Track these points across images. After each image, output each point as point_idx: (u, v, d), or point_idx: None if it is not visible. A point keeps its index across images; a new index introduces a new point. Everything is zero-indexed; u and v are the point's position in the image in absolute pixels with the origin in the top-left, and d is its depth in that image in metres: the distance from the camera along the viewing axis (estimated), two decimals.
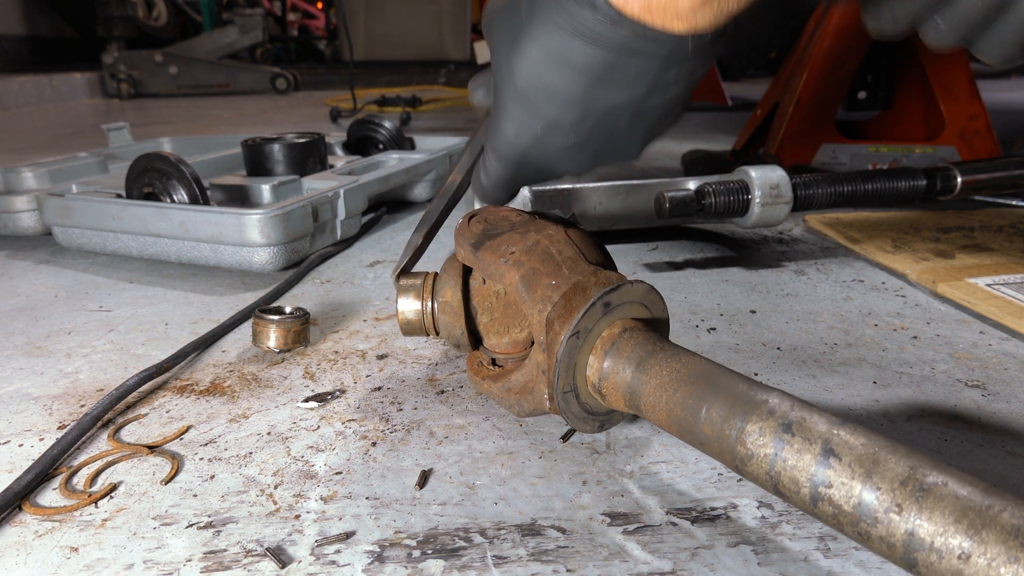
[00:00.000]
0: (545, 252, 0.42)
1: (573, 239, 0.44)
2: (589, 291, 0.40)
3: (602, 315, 0.40)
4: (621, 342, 0.39)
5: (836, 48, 1.23)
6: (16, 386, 0.56)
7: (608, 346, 0.40)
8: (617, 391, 0.39)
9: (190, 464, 0.45)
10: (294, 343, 0.59)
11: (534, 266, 0.41)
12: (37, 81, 3.41)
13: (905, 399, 0.51)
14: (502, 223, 0.47)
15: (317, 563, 0.36)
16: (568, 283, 0.40)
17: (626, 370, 0.39)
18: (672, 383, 0.36)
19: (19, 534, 0.39)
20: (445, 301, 0.48)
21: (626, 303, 0.41)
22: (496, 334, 0.48)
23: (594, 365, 0.40)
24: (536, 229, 0.44)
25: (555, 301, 0.40)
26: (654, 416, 0.38)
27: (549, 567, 0.36)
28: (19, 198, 0.93)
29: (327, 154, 1.11)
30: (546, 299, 0.40)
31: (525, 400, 0.43)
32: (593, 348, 0.40)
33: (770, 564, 0.36)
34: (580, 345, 0.39)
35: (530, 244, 0.43)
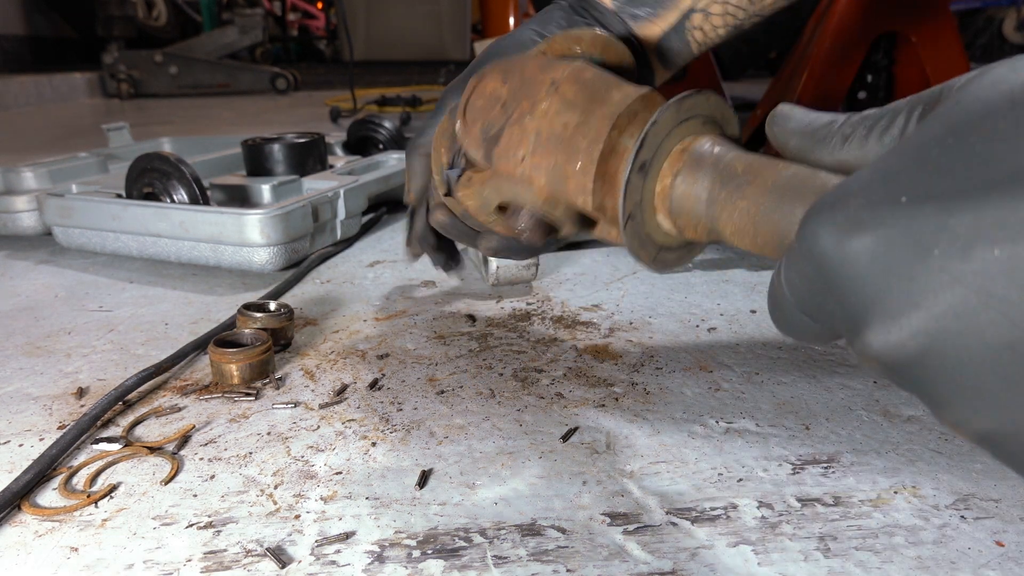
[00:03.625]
0: (551, 137, 0.36)
1: (571, 97, 0.37)
2: (618, 148, 0.35)
3: (644, 181, 0.34)
4: (677, 195, 0.34)
5: (836, 48, 1.23)
6: (16, 386, 0.56)
7: (668, 203, 0.34)
8: (701, 234, 0.34)
9: (190, 464, 0.45)
10: (258, 376, 0.55)
11: (551, 162, 0.36)
12: (37, 81, 3.41)
13: (905, 399, 0.51)
14: (493, 108, 0.40)
15: (317, 563, 0.36)
16: (592, 157, 0.35)
17: (700, 216, 0.33)
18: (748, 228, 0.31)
19: (19, 534, 0.39)
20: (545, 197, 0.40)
21: (663, 144, 0.34)
22: None
23: (666, 223, 0.35)
24: (530, 107, 0.38)
25: (591, 188, 0.35)
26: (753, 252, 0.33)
27: (549, 567, 0.36)
28: (19, 198, 0.93)
29: (327, 154, 1.11)
30: (582, 189, 0.35)
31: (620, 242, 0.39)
32: (655, 211, 0.35)
33: (770, 564, 0.36)
34: (641, 220, 0.35)
35: (533, 138, 0.37)
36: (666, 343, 0.61)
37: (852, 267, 0.21)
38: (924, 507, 0.40)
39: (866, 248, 0.21)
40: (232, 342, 0.56)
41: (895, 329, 0.20)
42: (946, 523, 0.38)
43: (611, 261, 0.84)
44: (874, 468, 0.43)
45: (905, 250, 0.20)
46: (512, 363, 0.58)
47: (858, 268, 0.21)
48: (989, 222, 0.18)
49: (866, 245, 0.21)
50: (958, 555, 0.36)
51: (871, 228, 0.21)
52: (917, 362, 0.20)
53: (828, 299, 0.23)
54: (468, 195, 0.44)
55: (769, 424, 0.48)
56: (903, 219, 0.20)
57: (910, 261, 0.20)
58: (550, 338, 0.63)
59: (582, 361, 0.58)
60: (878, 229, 0.21)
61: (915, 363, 0.20)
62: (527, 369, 0.57)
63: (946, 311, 0.19)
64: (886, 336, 0.21)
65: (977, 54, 4.07)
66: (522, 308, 0.70)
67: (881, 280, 0.21)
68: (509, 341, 0.62)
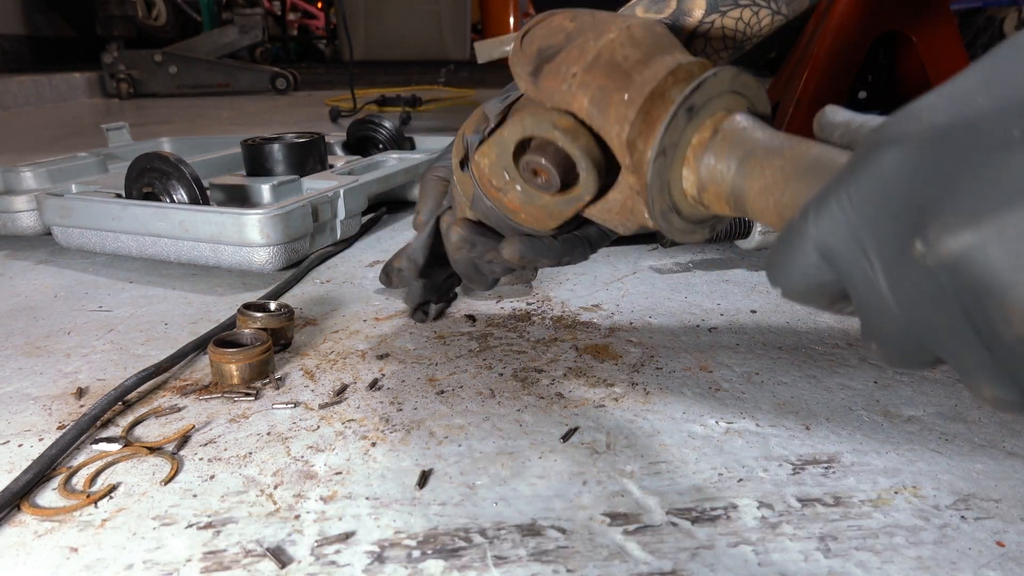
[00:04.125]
0: (610, 63, 0.37)
1: (638, 37, 0.37)
2: (668, 96, 0.35)
3: (687, 123, 0.34)
4: (715, 147, 0.34)
5: (836, 48, 1.23)
6: (16, 386, 0.56)
7: (701, 154, 0.35)
8: (720, 199, 0.35)
9: (190, 464, 0.45)
10: (258, 376, 0.55)
11: (601, 83, 0.36)
12: (37, 81, 3.41)
13: (905, 399, 0.51)
14: (556, 35, 0.40)
15: (317, 563, 0.36)
16: (643, 93, 0.35)
17: (725, 176, 0.34)
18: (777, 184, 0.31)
19: (18, 534, 0.39)
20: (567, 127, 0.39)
21: (713, 99, 0.35)
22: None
23: (690, 178, 0.35)
24: (595, 35, 0.38)
25: (631, 119, 0.35)
26: (765, 219, 0.33)
27: (549, 567, 0.36)
28: (19, 198, 0.93)
29: (327, 154, 1.11)
30: (622, 118, 0.35)
31: (629, 220, 0.40)
32: (685, 159, 0.35)
33: (770, 564, 0.36)
34: (669, 162, 0.35)
35: (591, 58, 0.37)
36: (666, 343, 0.61)
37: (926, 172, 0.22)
38: (924, 507, 0.40)
39: (941, 150, 0.22)
40: (232, 342, 0.56)
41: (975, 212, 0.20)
42: (946, 523, 0.38)
43: (611, 261, 0.84)
44: (874, 468, 0.43)
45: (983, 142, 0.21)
46: (512, 363, 0.58)
47: (934, 171, 0.22)
48: None
49: (942, 147, 0.22)
50: (958, 555, 0.36)
51: (947, 132, 0.22)
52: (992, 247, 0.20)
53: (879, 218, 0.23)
54: (485, 151, 0.43)
55: (769, 424, 0.48)
56: (981, 117, 0.21)
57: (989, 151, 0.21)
58: (550, 338, 0.63)
59: (582, 361, 0.58)
60: (953, 131, 0.21)
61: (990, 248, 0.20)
62: (527, 369, 0.57)
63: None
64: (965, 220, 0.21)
65: (977, 54, 4.06)
66: (522, 308, 0.70)
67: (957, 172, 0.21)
68: (509, 341, 0.62)
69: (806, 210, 0.26)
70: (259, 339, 0.56)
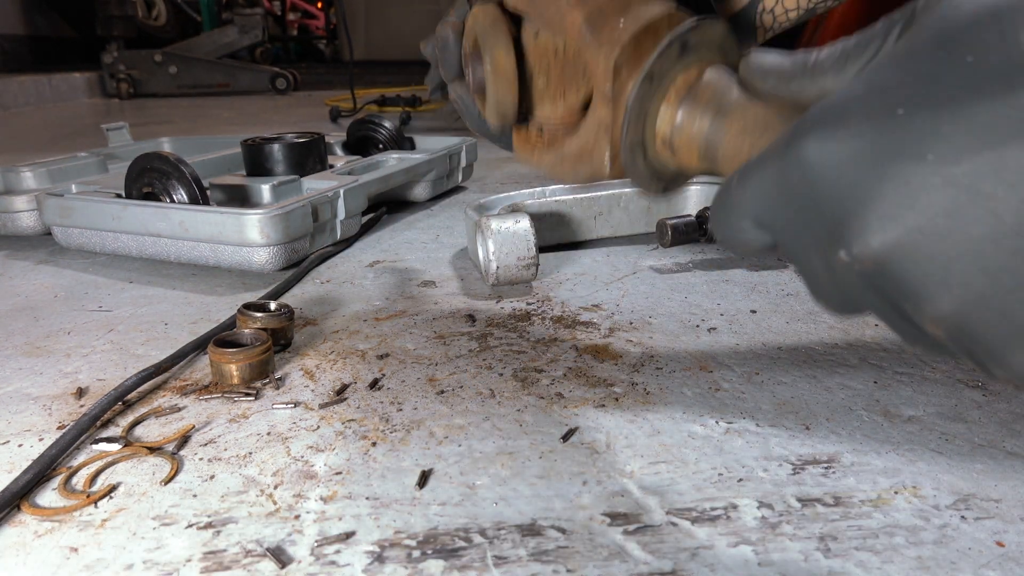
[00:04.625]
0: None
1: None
2: (662, 33, 0.35)
3: (678, 57, 0.34)
4: (699, 88, 0.34)
5: None
6: (15, 386, 0.56)
7: (684, 92, 0.35)
8: (692, 143, 0.35)
9: (190, 464, 0.45)
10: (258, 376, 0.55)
11: (600, 5, 0.36)
12: (37, 81, 3.41)
13: (905, 399, 0.51)
14: None
15: (317, 563, 0.36)
16: (638, 24, 0.35)
17: (704, 118, 0.34)
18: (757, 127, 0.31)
19: (18, 534, 0.39)
20: (497, 64, 0.40)
21: (704, 46, 0.35)
22: (551, 100, 0.42)
23: (666, 115, 0.35)
24: None
25: (624, 43, 0.35)
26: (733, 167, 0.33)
27: (549, 567, 0.36)
28: (18, 198, 0.93)
29: (327, 154, 1.11)
30: (614, 41, 0.35)
31: (582, 166, 0.39)
32: (667, 96, 0.35)
33: (770, 564, 0.36)
34: (653, 91, 0.35)
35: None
36: (666, 343, 0.61)
37: (847, 172, 0.22)
38: (924, 507, 0.40)
39: (862, 154, 0.22)
40: (232, 342, 0.56)
41: (889, 229, 0.22)
42: (946, 523, 0.38)
43: (611, 261, 0.84)
44: (874, 468, 0.43)
45: (901, 156, 0.21)
46: (512, 363, 0.58)
47: (853, 173, 0.22)
48: (978, 126, 0.20)
49: (862, 151, 0.22)
50: (959, 555, 0.36)
51: (867, 136, 0.22)
52: (908, 257, 0.21)
53: (804, 206, 0.24)
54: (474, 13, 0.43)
55: (769, 424, 0.48)
56: (898, 127, 0.22)
57: (905, 166, 0.21)
58: (550, 338, 0.63)
59: (582, 361, 0.58)
60: (874, 137, 0.22)
61: (906, 258, 0.21)
62: (527, 369, 0.57)
63: (938, 211, 0.21)
64: (881, 236, 0.22)
65: None
66: (522, 308, 0.70)
67: (876, 184, 0.22)
68: (509, 341, 0.62)
69: (741, 174, 0.27)
70: (259, 339, 0.56)
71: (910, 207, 0.21)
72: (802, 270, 0.26)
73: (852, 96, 0.23)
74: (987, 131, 0.20)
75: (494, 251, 0.69)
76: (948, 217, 0.21)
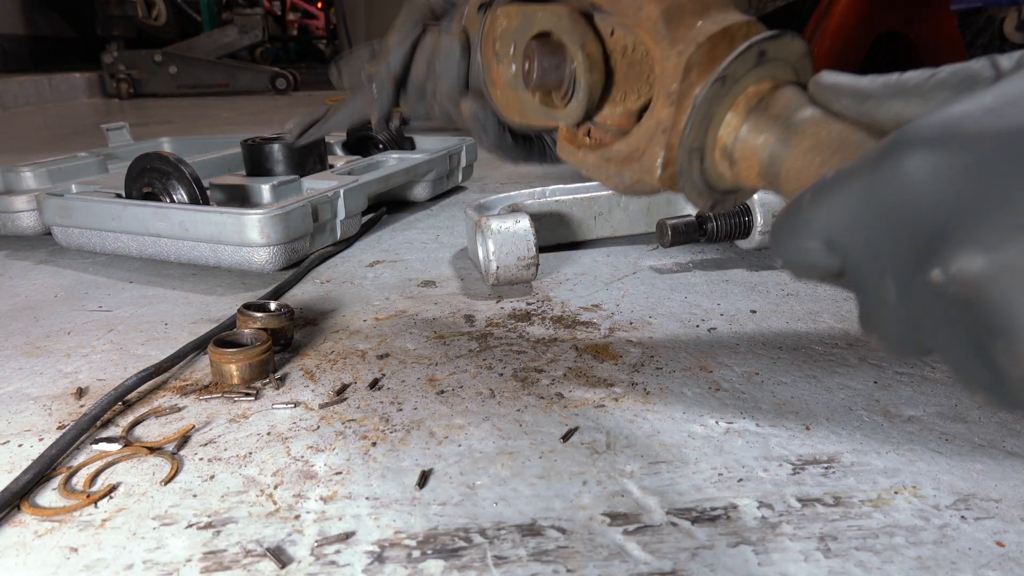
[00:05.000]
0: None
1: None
2: (738, 41, 0.34)
3: (754, 65, 0.33)
4: (770, 99, 0.33)
5: (836, 48, 1.23)
6: (15, 386, 0.56)
7: (754, 103, 0.34)
8: (754, 156, 0.34)
9: (190, 464, 0.45)
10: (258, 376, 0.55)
11: (679, 2, 0.35)
12: (37, 81, 3.41)
13: (905, 399, 0.51)
14: None
15: (317, 563, 0.36)
16: (717, 25, 0.34)
17: (771, 132, 0.33)
18: (831, 145, 0.30)
19: (18, 534, 0.39)
20: (590, 56, 0.38)
21: (781, 60, 0.34)
22: (610, 102, 0.40)
23: (732, 123, 0.34)
24: None
25: (700, 42, 0.34)
26: (797, 185, 0.31)
27: (549, 567, 0.36)
28: (19, 198, 0.93)
29: (327, 154, 1.11)
30: (690, 40, 0.34)
31: (628, 170, 0.38)
32: (736, 103, 0.34)
33: (770, 564, 0.36)
34: (723, 95, 0.34)
35: None
36: (666, 343, 0.61)
37: (955, 187, 0.21)
38: (924, 507, 0.40)
39: (976, 168, 0.20)
40: (232, 342, 0.56)
41: (1001, 248, 0.19)
42: (946, 523, 0.38)
43: (611, 261, 0.84)
44: (874, 468, 0.43)
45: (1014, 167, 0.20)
46: (512, 363, 0.58)
47: (963, 188, 0.20)
48: None
49: (976, 165, 0.20)
50: (958, 555, 0.36)
51: (983, 150, 0.20)
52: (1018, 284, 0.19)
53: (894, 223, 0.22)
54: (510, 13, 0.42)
55: (769, 424, 0.48)
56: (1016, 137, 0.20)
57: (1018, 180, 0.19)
58: (550, 338, 0.63)
59: (582, 361, 0.58)
60: (992, 151, 0.20)
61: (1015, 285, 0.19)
62: (527, 369, 0.57)
63: None
64: (989, 255, 0.20)
65: (977, 54, 4.06)
66: (522, 308, 0.70)
67: (990, 200, 0.20)
68: (509, 341, 0.62)
69: (816, 190, 0.25)
70: (259, 339, 0.56)
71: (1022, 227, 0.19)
72: (869, 299, 0.24)
73: (962, 113, 0.22)
74: None
75: (494, 251, 0.69)
76: None
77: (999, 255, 0.19)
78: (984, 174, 0.20)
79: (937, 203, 0.21)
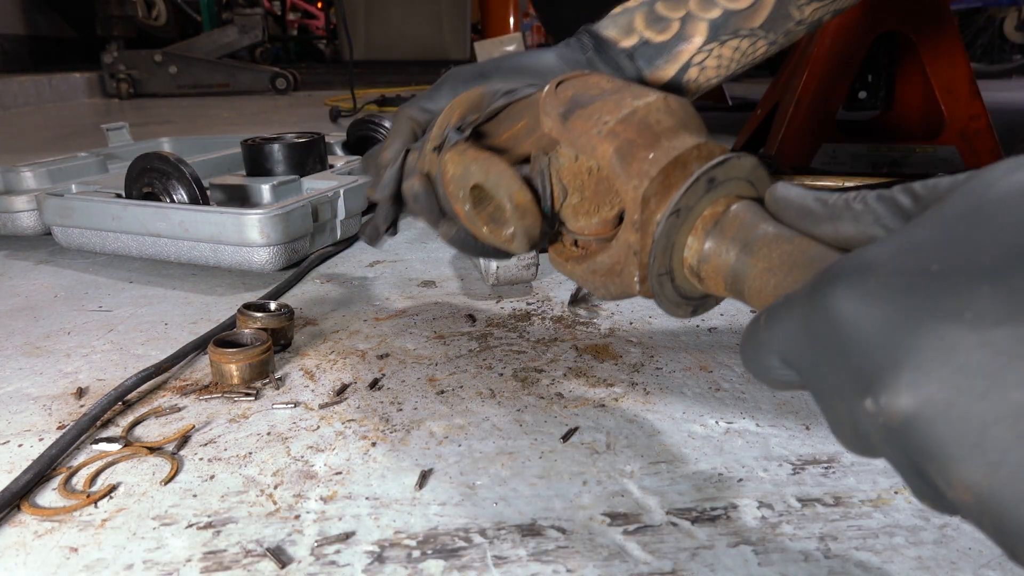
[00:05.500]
0: (642, 122, 0.38)
1: (674, 108, 0.39)
2: (690, 167, 0.36)
3: (705, 192, 0.36)
4: (726, 221, 0.36)
5: (836, 48, 1.23)
6: (15, 386, 0.56)
7: (711, 225, 0.36)
8: (718, 274, 0.36)
9: (190, 464, 0.45)
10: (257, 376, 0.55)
11: (630, 137, 0.38)
12: (37, 81, 3.41)
13: None
14: (593, 89, 0.42)
15: (317, 563, 0.36)
16: (668, 156, 0.36)
17: (730, 251, 0.35)
18: (784, 266, 0.32)
19: (18, 534, 0.39)
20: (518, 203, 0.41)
21: (732, 179, 0.36)
22: (585, 215, 0.43)
23: (693, 246, 0.37)
24: (633, 96, 0.40)
25: (652, 176, 0.36)
26: (759, 301, 0.34)
27: (549, 567, 0.36)
28: (19, 198, 0.93)
29: (327, 154, 1.11)
30: (643, 174, 0.36)
31: (612, 283, 0.40)
32: (693, 228, 0.36)
33: (770, 564, 0.36)
34: (679, 224, 0.36)
35: (626, 113, 0.38)
36: (666, 343, 0.61)
37: (875, 324, 0.22)
38: (924, 507, 0.40)
39: (893, 307, 0.22)
40: (232, 342, 0.56)
41: (922, 384, 0.21)
42: (946, 523, 0.38)
43: None
44: (874, 468, 0.43)
45: (935, 312, 0.21)
46: (512, 363, 0.58)
47: (883, 326, 0.22)
48: (1018, 295, 0.20)
49: (893, 304, 0.22)
50: (958, 555, 0.36)
51: (899, 289, 0.22)
52: (941, 416, 0.21)
53: (830, 352, 0.24)
54: (454, 161, 0.45)
55: (769, 424, 0.48)
56: (933, 284, 0.22)
57: (941, 323, 0.21)
58: (550, 338, 0.63)
59: (582, 361, 0.58)
60: (907, 291, 0.22)
61: (938, 418, 0.21)
62: (527, 369, 0.57)
63: (975, 371, 0.20)
64: (912, 391, 0.21)
65: (977, 54, 4.07)
66: (522, 308, 0.70)
67: (908, 338, 0.21)
68: (509, 341, 0.62)
69: (768, 315, 0.28)
70: (259, 339, 0.56)
71: (944, 364, 0.21)
72: (824, 411, 0.26)
73: (882, 250, 0.23)
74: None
75: None
76: (986, 378, 0.20)
77: (921, 390, 0.21)
78: (901, 311, 0.22)
79: (863, 337, 0.23)
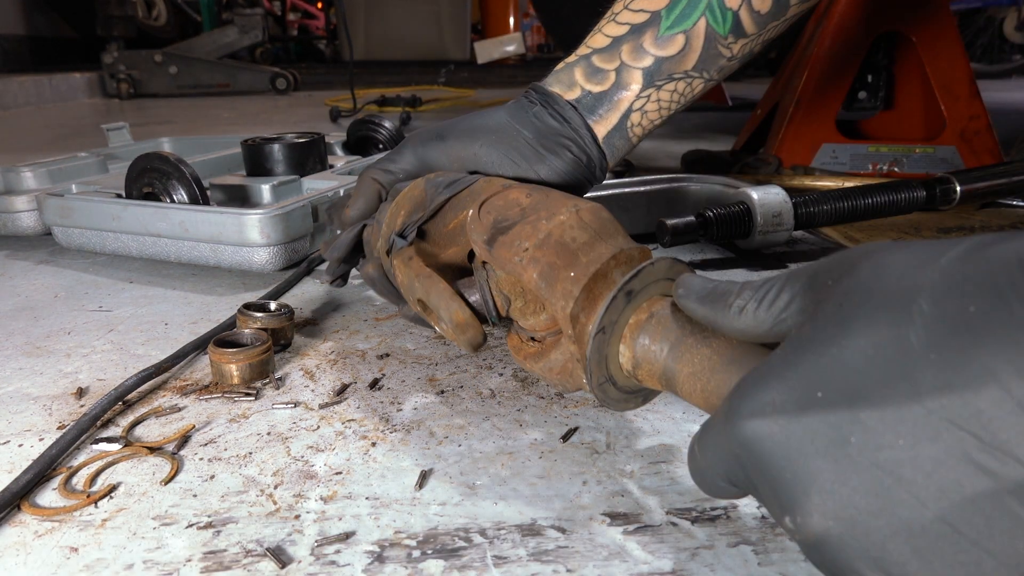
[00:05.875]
0: (559, 243, 0.40)
1: (587, 221, 0.41)
2: (610, 277, 0.39)
3: (625, 304, 0.38)
4: (649, 328, 0.38)
5: (836, 48, 1.23)
6: (16, 386, 0.56)
7: (637, 334, 0.38)
8: (652, 376, 0.38)
9: (190, 464, 0.45)
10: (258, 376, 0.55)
11: (550, 260, 0.40)
12: (37, 81, 3.41)
13: None
14: (512, 208, 0.44)
15: (317, 563, 0.36)
16: (587, 273, 0.39)
17: (658, 357, 0.37)
18: (705, 372, 0.35)
19: (19, 534, 0.39)
20: (457, 321, 0.44)
21: (650, 284, 0.39)
22: (532, 315, 0.46)
23: (626, 354, 0.39)
24: (548, 215, 0.42)
25: (576, 296, 0.38)
26: (693, 401, 0.36)
27: (549, 567, 0.36)
28: (19, 198, 0.93)
29: (327, 154, 1.11)
30: (567, 294, 0.39)
31: (567, 381, 0.43)
32: (622, 337, 0.39)
33: (770, 564, 0.36)
34: (608, 338, 0.38)
35: (542, 237, 0.41)
36: None
37: (784, 455, 0.25)
38: None
39: (796, 440, 0.24)
40: (232, 342, 0.56)
41: (828, 505, 0.23)
42: None
43: None
44: None
45: (826, 438, 0.24)
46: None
47: (791, 456, 0.25)
48: (892, 418, 0.22)
49: (796, 437, 0.25)
50: None
51: (797, 423, 0.25)
52: (847, 532, 0.23)
53: (757, 477, 0.26)
54: (401, 270, 0.48)
55: None
56: (822, 412, 0.24)
57: (831, 447, 0.23)
58: None
59: None
60: (801, 419, 0.24)
61: (845, 534, 0.23)
62: None
63: (868, 490, 0.23)
64: (818, 513, 0.24)
65: (977, 54, 4.07)
66: None
67: (811, 465, 0.24)
68: None
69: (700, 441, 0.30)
70: (259, 339, 0.56)
71: (844, 485, 0.23)
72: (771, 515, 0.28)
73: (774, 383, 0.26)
74: (900, 423, 0.22)
75: None
76: (878, 497, 0.22)
77: (827, 512, 0.23)
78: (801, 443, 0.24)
79: (775, 463, 0.25)
